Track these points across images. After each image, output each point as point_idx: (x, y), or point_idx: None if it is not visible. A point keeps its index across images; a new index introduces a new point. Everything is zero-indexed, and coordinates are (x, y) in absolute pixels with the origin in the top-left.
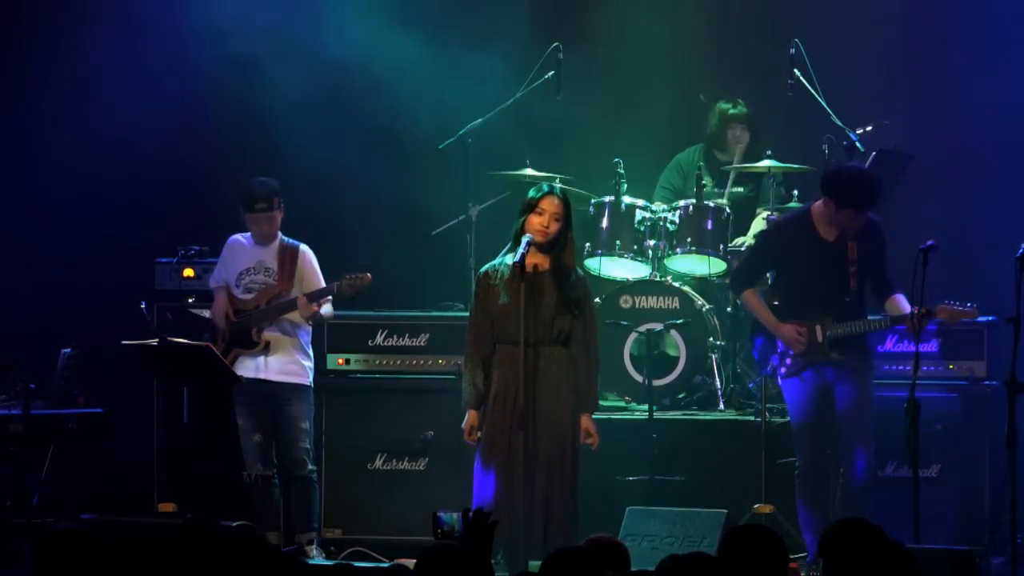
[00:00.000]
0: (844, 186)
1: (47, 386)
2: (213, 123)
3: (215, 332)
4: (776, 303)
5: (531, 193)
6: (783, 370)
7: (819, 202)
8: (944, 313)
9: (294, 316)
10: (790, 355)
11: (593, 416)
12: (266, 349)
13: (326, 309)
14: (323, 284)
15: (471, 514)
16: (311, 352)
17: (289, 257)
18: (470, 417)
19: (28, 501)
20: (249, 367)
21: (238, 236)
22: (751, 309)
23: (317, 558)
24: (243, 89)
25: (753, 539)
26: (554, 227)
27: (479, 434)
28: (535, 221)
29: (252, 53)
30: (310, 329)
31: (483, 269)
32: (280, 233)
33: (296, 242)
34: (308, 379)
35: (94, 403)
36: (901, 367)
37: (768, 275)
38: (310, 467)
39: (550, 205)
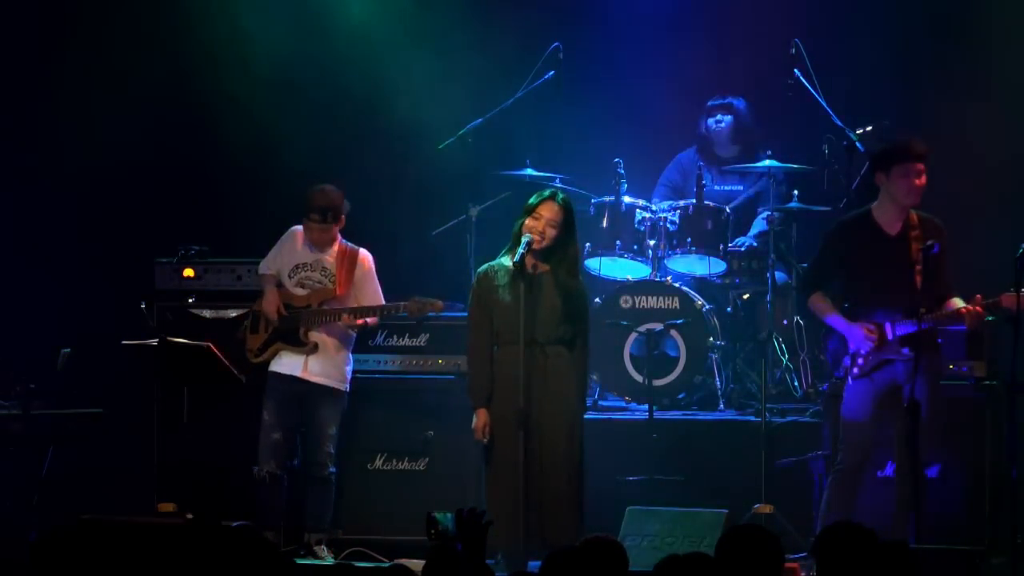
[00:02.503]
0: (886, 148)
1: (47, 386)
2: (213, 123)
3: (259, 320)
4: (846, 305)
5: (532, 198)
6: (855, 370)
7: (877, 201)
8: (1010, 301)
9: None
10: (862, 354)
11: (589, 417)
12: (313, 349)
13: (372, 320)
14: (379, 291)
15: (465, 514)
16: (351, 357)
17: (348, 261)
18: (480, 416)
19: (28, 501)
20: (289, 364)
21: (301, 228)
22: (819, 312)
23: (327, 559)
24: (243, 89)
25: (749, 539)
26: (550, 233)
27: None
28: (529, 225)
29: (252, 54)
30: (355, 334)
31: (481, 269)
32: (340, 236)
33: (355, 246)
34: (346, 385)
35: (94, 403)
36: None
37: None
38: (330, 469)
39: (547, 211)
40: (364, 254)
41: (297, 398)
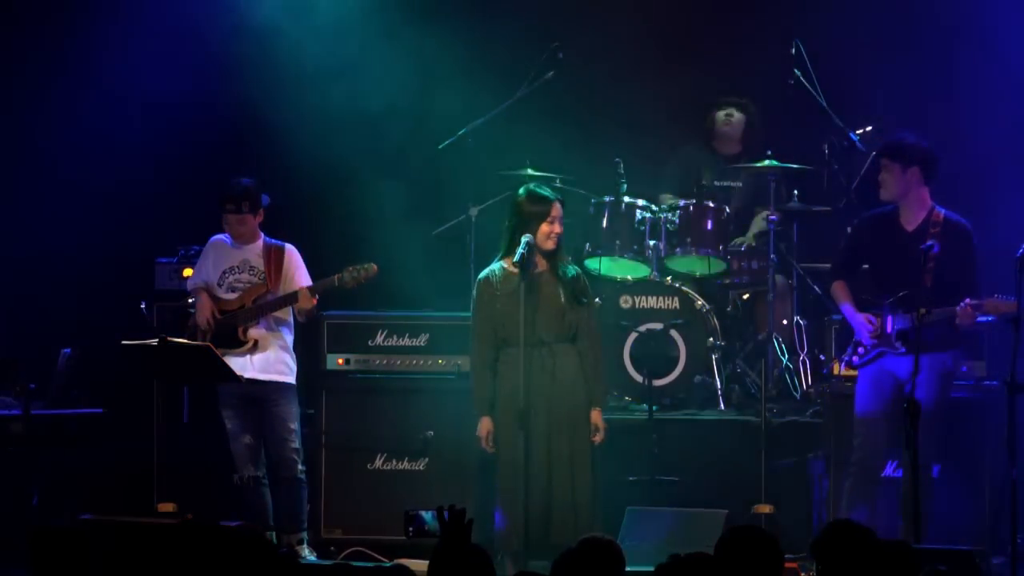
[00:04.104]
0: None
1: (47, 386)
2: (213, 123)
3: (195, 332)
4: (863, 295)
5: (526, 197)
6: (856, 359)
7: None
8: (990, 306)
9: (281, 313)
10: (863, 344)
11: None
12: (253, 348)
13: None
14: (309, 282)
15: (446, 512)
16: (293, 352)
17: (275, 256)
18: (485, 424)
19: (28, 501)
20: (234, 367)
21: (221, 236)
22: (835, 300)
23: (309, 557)
24: (243, 89)
25: (748, 540)
26: (559, 230)
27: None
28: (546, 230)
29: (252, 53)
30: (292, 328)
31: (481, 276)
32: (263, 234)
33: (280, 242)
34: (293, 378)
35: (94, 403)
36: None
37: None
38: (300, 467)
39: (558, 211)
40: (290, 247)
41: (251, 400)
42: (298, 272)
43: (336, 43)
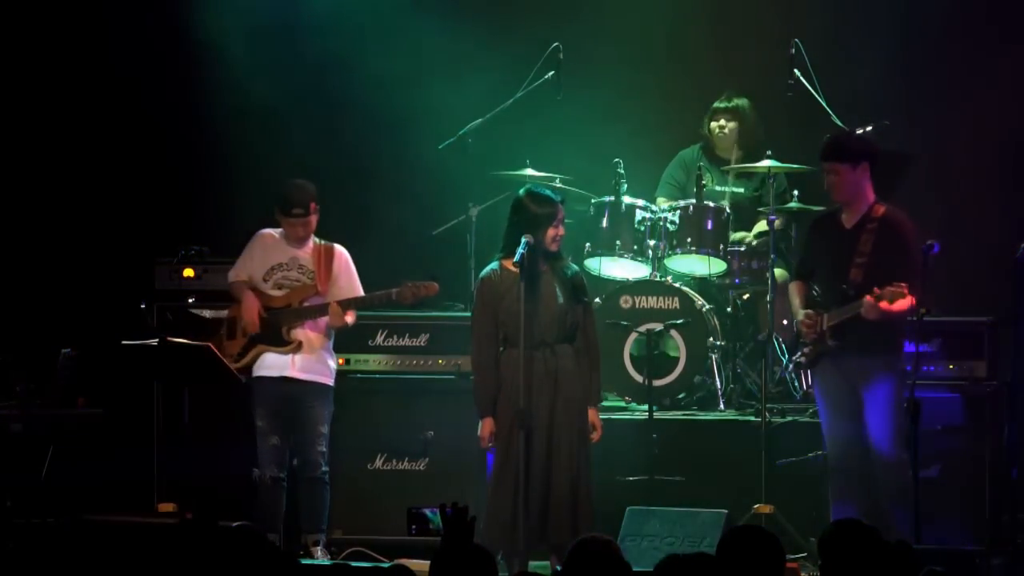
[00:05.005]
0: None
1: (47, 386)
2: (213, 123)
3: (235, 326)
4: (814, 292)
5: (531, 198)
6: (803, 359)
7: None
8: (888, 293)
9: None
10: (805, 344)
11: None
12: (297, 348)
13: (350, 318)
14: (358, 286)
15: (449, 510)
16: (334, 352)
17: (325, 257)
18: (486, 424)
19: (28, 501)
20: (273, 365)
21: (270, 230)
22: (789, 299)
23: (322, 559)
24: (243, 89)
25: (749, 540)
26: (563, 232)
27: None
28: (552, 233)
29: (252, 53)
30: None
31: (483, 274)
32: (312, 233)
33: (330, 242)
34: (332, 380)
35: (94, 403)
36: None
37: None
38: (323, 468)
39: (562, 214)
40: (340, 249)
41: (287, 399)
42: (346, 277)
43: (336, 42)
